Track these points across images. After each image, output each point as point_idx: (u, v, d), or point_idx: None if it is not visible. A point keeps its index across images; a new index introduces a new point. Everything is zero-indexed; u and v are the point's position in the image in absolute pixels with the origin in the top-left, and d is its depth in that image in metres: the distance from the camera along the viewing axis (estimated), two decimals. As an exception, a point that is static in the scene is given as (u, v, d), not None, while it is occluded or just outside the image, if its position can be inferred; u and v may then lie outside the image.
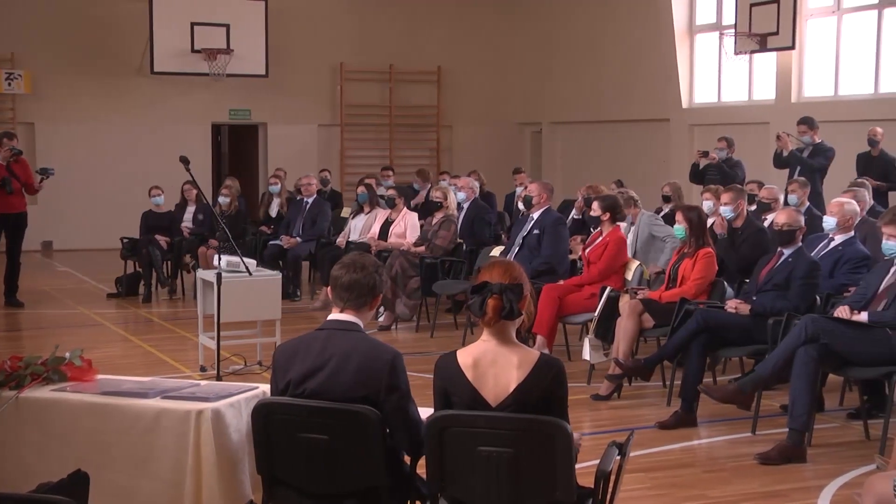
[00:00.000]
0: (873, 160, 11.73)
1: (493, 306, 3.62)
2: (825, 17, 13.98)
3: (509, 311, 3.62)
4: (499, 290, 3.62)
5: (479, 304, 3.63)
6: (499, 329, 3.67)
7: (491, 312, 3.62)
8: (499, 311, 3.62)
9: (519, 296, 3.66)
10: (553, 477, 3.56)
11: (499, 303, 3.61)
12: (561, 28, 18.29)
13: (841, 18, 13.82)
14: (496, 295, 3.62)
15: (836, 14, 13.85)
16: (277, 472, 3.85)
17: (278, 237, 12.27)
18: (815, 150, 11.66)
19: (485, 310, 3.62)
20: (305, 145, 18.34)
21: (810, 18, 14.07)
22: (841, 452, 6.19)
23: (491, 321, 3.64)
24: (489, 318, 3.63)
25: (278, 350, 3.96)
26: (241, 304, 7.72)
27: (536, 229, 9.15)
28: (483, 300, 3.63)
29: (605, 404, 7.32)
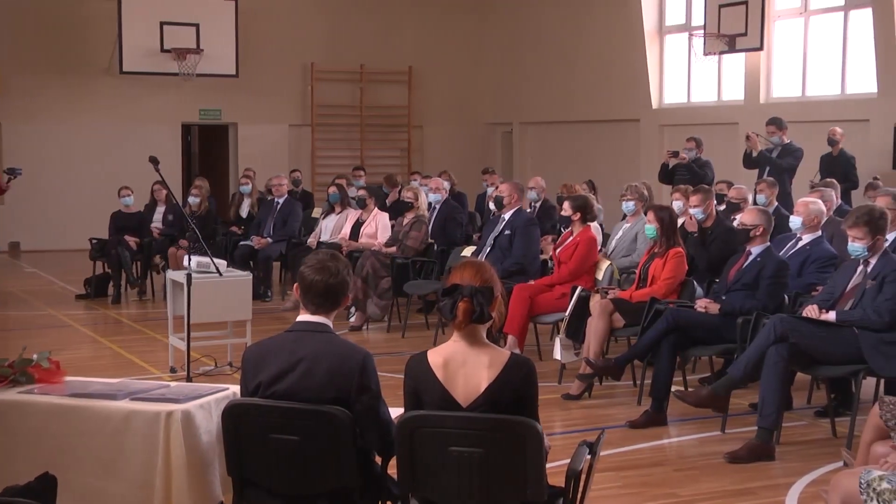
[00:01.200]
0: (834, 160, 11.85)
1: (463, 309, 3.62)
2: (792, 19, 14.11)
3: (480, 315, 3.63)
4: (469, 293, 3.62)
5: (450, 307, 3.63)
6: (469, 330, 3.68)
7: (461, 316, 3.62)
8: (469, 314, 3.62)
9: (489, 299, 3.66)
10: (524, 476, 3.57)
11: (469, 306, 3.62)
12: (532, 29, 18.33)
13: (808, 20, 13.96)
14: (467, 298, 3.62)
15: (802, 15, 13.98)
16: (248, 473, 3.84)
17: (249, 238, 12.23)
18: (783, 151, 11.76)
19: (455, 313, 3.63)
20: (276, 145, 18.28)
21: (778, 20, 14.20)
22: (809, 450, 6.24)
23: (461, 324, 3.64)
24: (459, 321, 3.63)
25: (248, 351, 3.94)
26: (211, 304, 7.68)
27: (508, 230, 9.16)
28: (454, 303, 3.63)
29: (576, 404, 7.35)
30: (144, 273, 12.38)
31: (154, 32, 16.76)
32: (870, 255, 6.18)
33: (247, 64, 17.56)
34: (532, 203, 11.26)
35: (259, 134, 18.26)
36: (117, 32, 16.73)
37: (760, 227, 6.98)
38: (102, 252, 12.27)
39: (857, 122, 12.62)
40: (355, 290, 10.03)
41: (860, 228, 6.14)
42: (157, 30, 16.78)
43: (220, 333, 8.37)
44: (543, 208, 11.17)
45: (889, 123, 12.56)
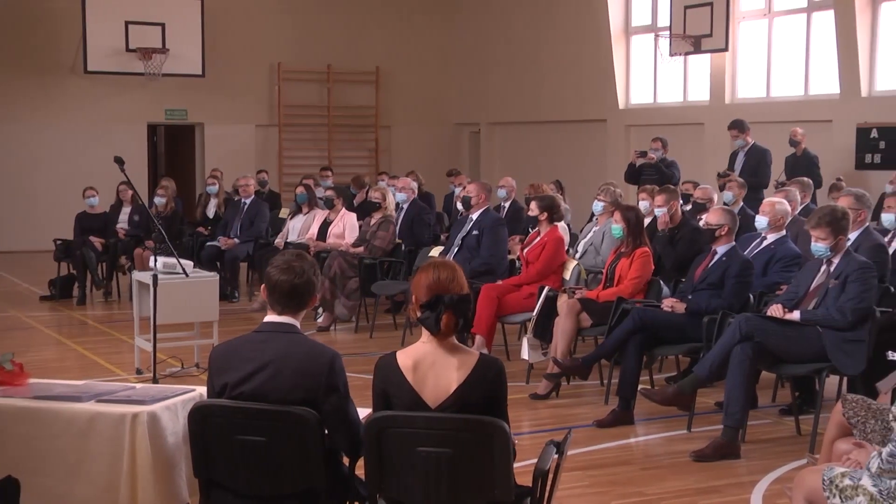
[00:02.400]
0: (798, 160, 11.98)
1: (447, 322, 3.63)
2: (757, 20, 14.23)
3: (465, 325, 3.64)
4: (451, 303, 3.63)
5: (435, 321, 3.64)
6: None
7: (446, 329, 3.64)
8: (454, 326, 3.64)
9: (470, 306, 3.67)
10: (491, 476, 3.58)
11: (453, 318, 3.63)
12: (499, 29, 18.37)
13: (772, 21, 14.08)
14: (450, 310, 3.63)
15: (766, 17, 14.10)
16: (215, 474, 3.82)
17: (216, 238, 12.17)
18: (750, 152, 11.88)
19: (440, 326, 3.63)
20: (243, 146, 18.20)
21: (742, 21, 14.31)
22: (773, 448, 6.30)
23: (445, 336, 3.65)
24: (445, 333, 3.65)
25: (214, 352, 3.92)
26: (177, 305, 7.65)
27: (475, 230, 9.18)
28: (437, 316, 3.63)
29: (544, 403, 7.37)
30: (110, 274, 12.29)
31: (119, 32, 16.63)
32: (832, 254, 6.24)
33: (213, 64, 17.47)
34: (501, 202, 11.28)
35: (226, 134, 18.17)
36: (81, 32, 16.58)
37: (725, 227, 7.04)
38: (67, 253, 12.17)
39: (820, 122, 12.74)
40: (323, 291, 10.00)
41: (822, 229, 6.20)
42: (122, 29, 16.65)
43: (186, 334, 8.33)
44: (513, 209, 11.20)
45: (851, 124, 12.70)
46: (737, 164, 12.04)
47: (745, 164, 11.87)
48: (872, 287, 6.17)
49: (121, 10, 16.62)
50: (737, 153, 12.18)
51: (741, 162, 11.99)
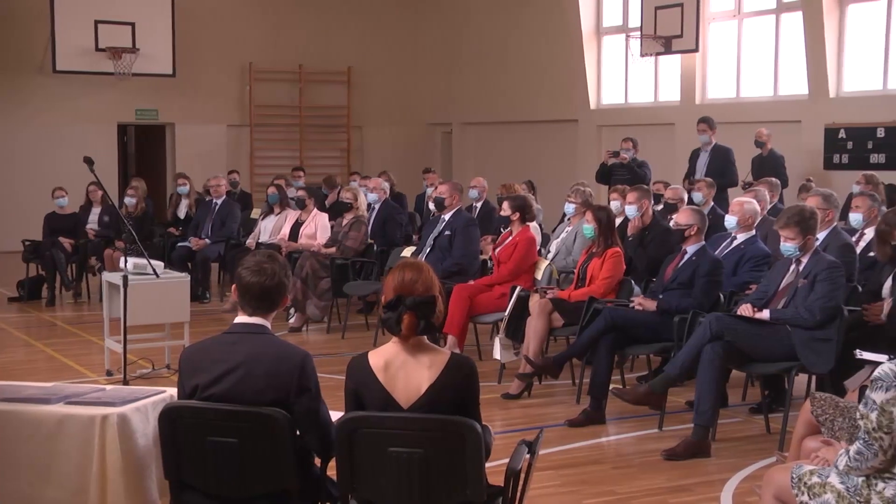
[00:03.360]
0: (765, 160, 12.08)
1: (408, 323, 3.63)
2: (727, 21, 14.32)
3: (425, 327, 3.64)
4: (413, 304, 3.63)
5: (395, 322, 3.64)
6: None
7: (406, 330, 3.63)
8: (415, 327, 3.63)
9: (433, 309, 3.67)
10: (463, 476, 3.59)
11: (414, 319, 3.63)
12: (471, 30, 18.39)
13: (741, 22, 14.17)
14: (411, 311, 3.63)
15: (736, 18, 14.20)
16: (185, 476, 3.80)
17: (187, 239, 12.11)
18: (715, 152, 11.97)
19: (400, 327, 3.63)
20: (214, 146, 18.11)
21: (713, 22, 14.40)
22: (743, 446, 6.35)
23: (407, 337, 3.65)
24: (405, 335, 3.64)
25: (185, 353, 3.90)
26: (148, 306, 7.61)
27: (448, 230, 9.19)
28: (398, 317, 3.63)
29: (516, 403, 7.39)
30: (79, 275, 12.21)
31: (88, 31, 16.50)
32: (801, 254, 6.30)
33: (184, 64, 17.37)
34: (473, 203, 11.29)
35: (197, 134, 18.08)
36: (50, 31, 16.44)
37: (694, 227, 7.08)
38: (36, 254, 12.07)
39: (789, 123, 12.84)
40: (294, 292, 9.98)
41: (791, 229, 6.26)
42: (92, 28, 16.52)
43: (157, 335, 8.29)
44: (484, 209, 11.21)
45: (820, 124, 12.81)
46: (700, 163, 12.11)
47: (711, 164, 11.94)
48: (841, 286, 6.23)
49: (90, 9, 16.49)
50: (698, 153, 12.26)
51: (705, 162, 12.06)
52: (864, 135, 12.41)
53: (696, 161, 12.20)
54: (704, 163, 12.04)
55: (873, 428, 3.64)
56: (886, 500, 3.67)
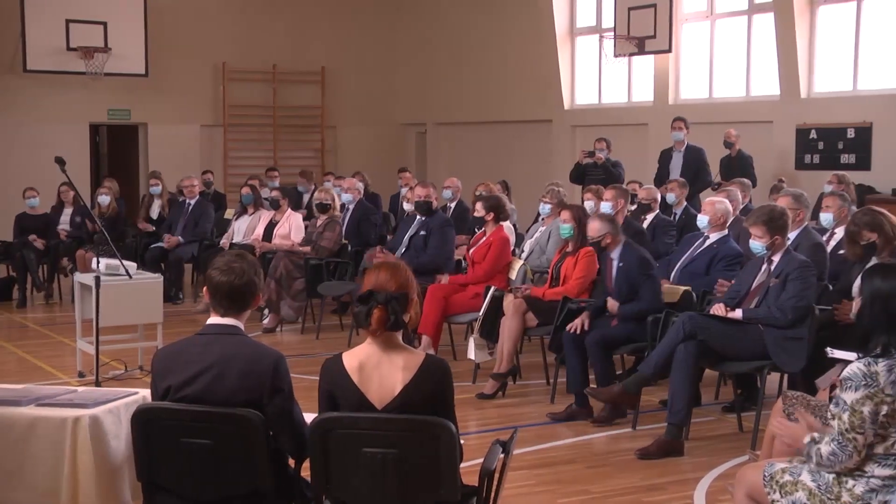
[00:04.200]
0: (733, 161, 12.16)
1: (377, 318, 3.62)
2: (699, 22, 14.39)
3: (395, 323, 3.63)
4: (384, 300, 3.62)
5: (364, 315, 3.63)
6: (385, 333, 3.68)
7: (375, 324, 3.63)
8: (384, 322, 3.62)
9: (405, 305, 3.67)
10: (437, 476, 3.59)
11: (384, 314, 3.62)
12: (445, 30, 18.39)
13: (714, 23, 14.25)
14: (381, 305, 3.62)
15: (709, 19, 14.27)
16: (158, 478, 3.78)
17: (160, 240, 12.05)
18: (688, 152, 12.04)
19: (369, 321, 3.63)
20: (188, 146, 18.00)
21: (685, 23, 14.46)
22: (716, 445, 6.39)
23: (376, 332, 3.64)
24: (374, 328, 3.64)
25: (157, 355, 3.88)
26: (120, 307, 7.57)
27: (423, 230, 9.20)
28: (368, 311, 3.63)
29: (490, 403, 7.40)
30: (51, 276, 12.13)
31: (59, 30, 16.36)
32: (772, 253, 6.34)
33: (156, 63, 17.27)
34: (447, 203, 11.30)
35: (170, 134, 17.96)
36: (20, 30, 16.29)
37: (607, 236, 7.11)
38: (7, 255, 11.98)
39: (761, 123, 12.92)
40: (269, 292, 9.96)
41: (759, 227, 6.32)
42: (63, 27, 16.37)
43: (130, 337, 8.25)
44: (458, 209, 11.22)
45: (791, 125, 12.90)
46: (672, 164, 12.17)
47: (685, 165, 12.00)
48: (812, 285, 6.28)
49: (61, 9, 16.35)
50: (669, 153, 12.31)
51: (679, 162, 12.12)
52: (835, 135, 12.51)
53: (669, 162, 12.25)
54: (678, 164, 12.10)
55: (846, 429, 3.66)
56: (856, 497, 3.70)
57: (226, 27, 18.15)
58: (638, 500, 5.44)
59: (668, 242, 9.04)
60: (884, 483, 3.69)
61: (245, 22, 18.27)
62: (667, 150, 12.44)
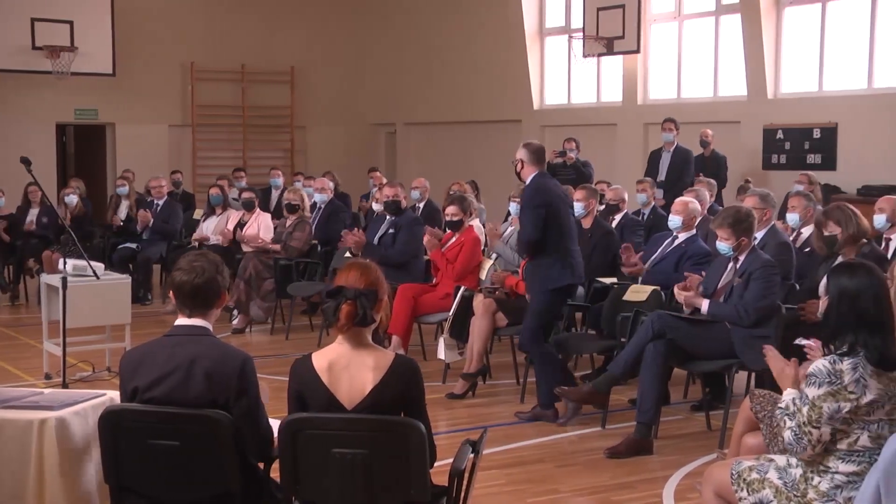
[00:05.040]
0: (706, 160, 12.25)
1: (346, 312, 3.61)
2: (667, 23, 14.47)
3: (363, 318, 3.63)
4: (353, 295, 3.62)
5: (333, 310, 3.62)
6: (354, 332, 3.67)
7: (344, 319, 3.62)
8: (352, 317, 3.62)
9: (373, 301, 3.66)
10: (407, 477, 3.59)
11: (352, 309, 3.61)
12: (414, 30, 18.39)
13: (682, 24, 14.33)
14: (350, 301, 3.61)
15: (677, 19, 14.35)
16: (126, 480, 3.76)
17: (128, 240, 11.97)
18: (676, 153, 12.13)
19: (338, 316, 3.62)
20: (156, 146, 17.89)
21: (654, 23, 14.54)
22: (685, 443, 6.42)
23: (344, 328, 3.64)
24: (342, 324, 3.63)
25: (125, 357, 3.86)
26: (88, 308, 7.51)
27: (392, 229, 9.20)
28: (337, 306, 3.62)
29: (461, 402, 7.41)
30: (17, 277, 12.01)
31: (25, 29, 16.19)
32: (738, 252, 6.39)
33: (124, 63, 17.14)
34: (416, 203, 11.29)
35: (138, 134, 17.84)
36: (-15, 28, 16.14)
37: (521, 162, 7.29)
38: (-28, 256, 11.85)
39: (728, 123, 13.01)
40: (238, 293, 9.92)
41: (724, 229, 6.36)
42: (28, 26, 16.22)
43: (97, 338, 8.18)
44: (427, 209, 11.22)
45: (758, 125, 13.00)
46: (662, 163, 12.25)
47: (672, 165, 12.09)
48: (774, 285, 6.31)
49: (26, 7, 16.18)
50: (659, 153, 12.38)
51: (667, 162, 12.20)
52: (801, 135, 12.63)
53: (658, 161, 12.32)
54: (666, 164, 12.19)
55: (804, 422, 3.71)
56: (822, 494, 3.74)
57: (194, 26, 18.06)
58: (607, 498, 5.47)
59: (636, 242, 9.08)
60: (848, 479, 3.73)
61: (213, 21, 18.18)
62: (656, 151, 12.53)
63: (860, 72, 12.29)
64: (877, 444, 3.67)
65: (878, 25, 12.09)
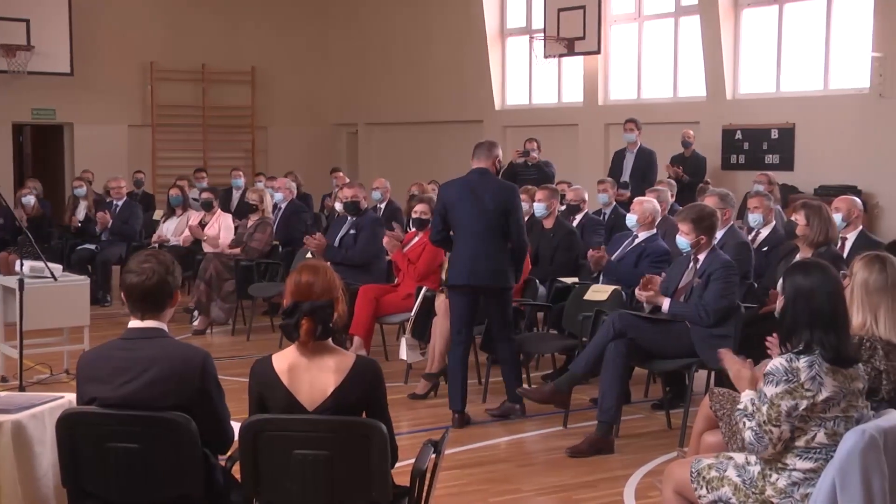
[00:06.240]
0: (686, 160, 12.33)
1: (306, 329, 3.61)
2: (628, 24, 14.56)
3: (323, 332, 3.62)
4: (310, 310, 3.60)
5: (293, 328, 3.61)
6: (315, 338, 3.68)
7: (305, 336, 3.61)
8: (312, 332, 3.61)
9: (331, 312, 3.64)
10: (369, 477, 3.59)
11: (311, 325, 3.60)
12: (376, 30, 18.36)
13: (642, 25, 14.42)
14: (308, 316, 3.60)
15: (637, 21, 14.44)
16: (84, 484, 3.72)
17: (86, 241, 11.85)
18: (639, 154, 12.20)
19: (298, 332, 3.61)
20: (115, 146, 17.71)
21: (614, 24, 14.62)
22: (645, 442, 6.46)
23: (306, 343, 3.63)
24: (304, 340, 3.62)
25: (82, 359, 3.82)
26: (46, 310, 7.43)
27: (353, 230, 9.17)
28: (296, 322, 3.61)
29: (423, 403, 7.40)
30: (-27, 279, 11.83)
31: (-21, 27, 16.02)
32: (697, 252, 6.44)
33: (82, 62, 16.97)
34: (377, 204, 11.28)
35: (97, 135, 17.65)
36: (-61, 27, 15.92)
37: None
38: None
39: (688, 123, 13.11)
40: (199, 294, 9.85)
41: (686, 223, 6.42)
42: (-16, 25, 16.05)
43: (55, 340, 8.09)
44: (388, 210, 11.21)
45: (717, 126, 13.12)
46: (625, 163, 12.32)
47: (636, 166, 12.16)
48: (733, 285, 6.37)
49: (-19, 5, 16.01)
50: (623, 153, 12.44)
51: (630, 162, 12.27)
52: (760, 136, 12.75)
53: (622, 161, 12.38)
54: (630, 164, 12.25)
55: (764, 421, 3.75)
56: (779, 491, 3.78)
57: (154, 26, 17.91)
58: (569, 497, 5.49)
59: (597, 241, 9.12)
60: (805, 476, 3.77)
61: (174, 21, 18.04)
62: (620, 151, 12.59)
63: (816, 73, 12.43)
64: (833, 441, 3.72)
65: (833, 27, 12.24)
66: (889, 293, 4.21)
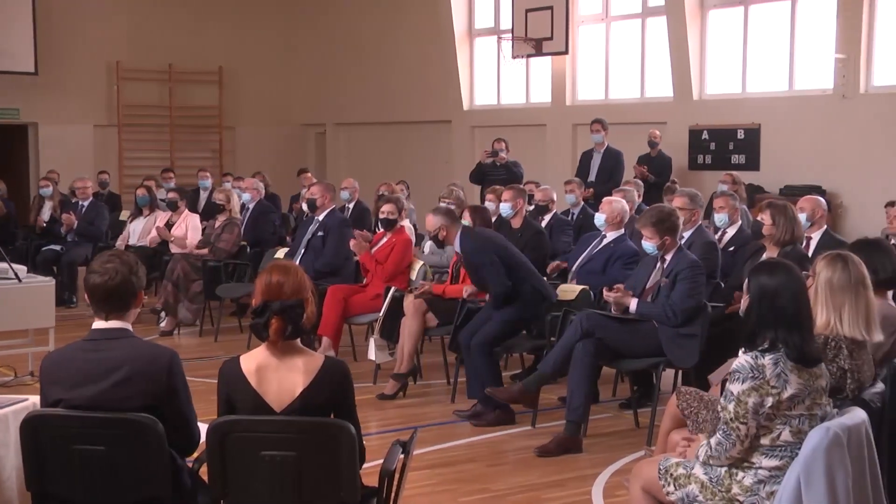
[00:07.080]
0: (653, 160, 12.40)
1: (275, 329, 3.60)
2: (595, 24, 14.61)
3: (293, 331, 3.61)
4: (280, 309, 3.59)
5: (263, 327, 3.60)
6: (284, 339, 3.67)
7: (275, 336, 3.61)
8: (282, 332, 3.61)
9: (301, 311, 3.64)
10: (337, 478, 3.58)
11: (281, 324, 3.60)
12: (344, 30, 18.32)
13: (609, 26, 14.48)
14: (278, 316, 3.59)
15: (604, 21, 14.50)
16: (49, 487, 3.69)
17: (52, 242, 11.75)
18: (606, 154, 12.25)
19: (268, 332, 3.60)
20: (80, 147, 17.55)
21: (582, 25, 14.67)
22: (613, 441, 6.50)
23: (275, 342, 3.62)
24: (273, 340, 3.61)
25: (46, 360, 3.78)
26: (9, 311, 7.38)
27: (321, 231, 9.14)
28: (266, 322, 3.60)
29: (391, 403, 7.40)
30: (-64, 281, 11.70)
31: (-60, 26, 15.84)
32: (664, 252, 6.48)
33: (47, 61, 16.81)
34: (346, 204, 11.26)
35: (62, 135, 17.49)
36: None
37: (442, 229, 7.22)
38: None
39: (655, 124, 13.18)
40: (166, 295, 9.79)
41: (648, 228, 6.45)
42: (-56, 23, 15.86)
43: (20, 342, 8.02)
44: (357, 210, 11.19)
45: (684, 126, 13.20)
46: (593, 163, 12.36)
47: (602, 166, 12.21)
48: (700, 285, 6.41)
49: (-57, 4, 15.83)
50: (591, 154, 12.49)
51: (597, 163, 12.32)
52: (726, 136, 12.84)
53: (590, 162, 12.43)
54: (597, 164, 12.30)
55: (731, 418, 3.78)
56: (746, 489, 3.81)
57: (119, 25, 17.77)
58: (537, 496, 5.51)
59: (565, 241, 9.16)
60: (771, 474, 3.80)
61: (140, 20, 17.91)
62: (588, 152, 12.64)
63: (782, 74, 12.54)
64: (798, 439, 3.75)
65: (797, 28, 12.35)
66: (852, 291, 4.26)
